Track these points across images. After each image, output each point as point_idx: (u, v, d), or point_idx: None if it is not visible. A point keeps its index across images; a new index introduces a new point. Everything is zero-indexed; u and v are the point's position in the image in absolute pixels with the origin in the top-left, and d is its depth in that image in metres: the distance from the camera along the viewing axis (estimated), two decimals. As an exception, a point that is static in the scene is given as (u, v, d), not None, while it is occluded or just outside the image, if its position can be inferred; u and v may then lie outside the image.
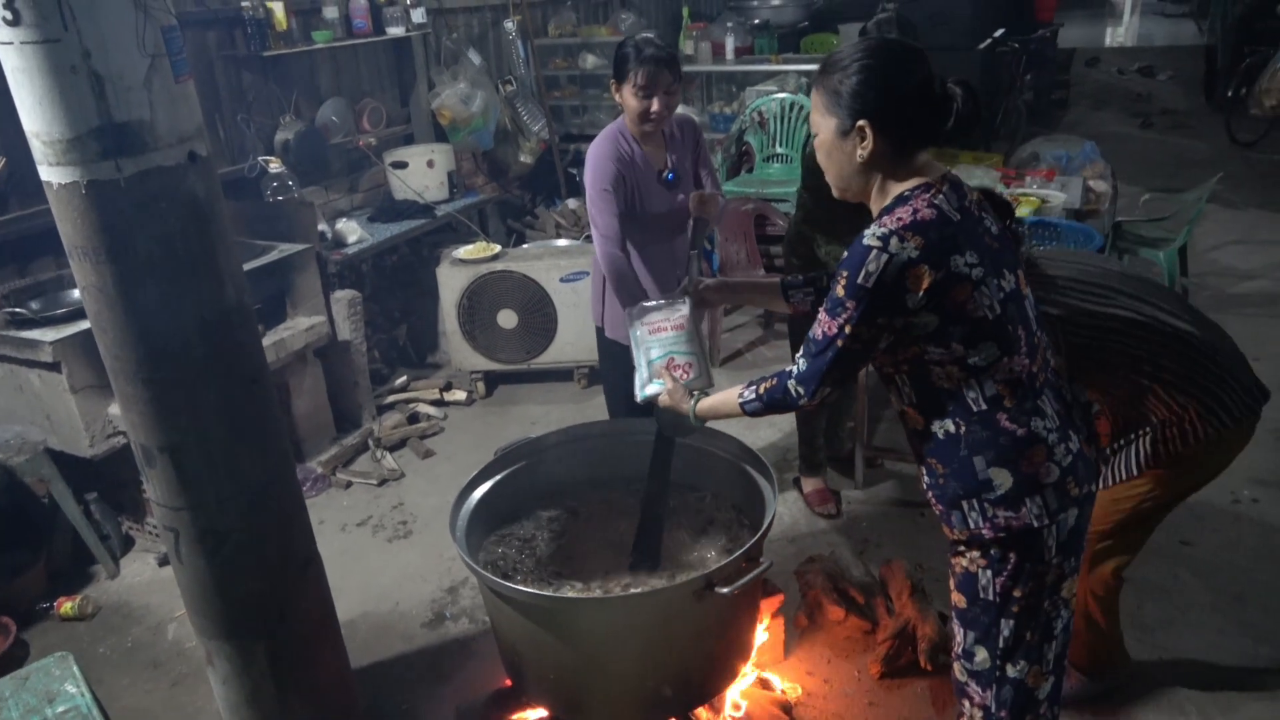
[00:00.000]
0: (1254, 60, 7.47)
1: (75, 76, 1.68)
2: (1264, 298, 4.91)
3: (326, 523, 3.54)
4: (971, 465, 1.63)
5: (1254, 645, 2.62)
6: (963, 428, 1.63)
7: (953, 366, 1.59)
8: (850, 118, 1.57)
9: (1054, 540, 1.65)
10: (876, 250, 1.51)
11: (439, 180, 4.86)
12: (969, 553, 1.70)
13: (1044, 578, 1.68)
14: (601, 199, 2.67)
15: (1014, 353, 1.60)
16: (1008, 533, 1.63)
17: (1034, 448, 1.61)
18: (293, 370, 3.77)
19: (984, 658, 1.74)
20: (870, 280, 1.52)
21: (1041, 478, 1.62)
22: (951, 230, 1.54)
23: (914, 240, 1.51)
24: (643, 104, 2.62)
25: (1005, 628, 1.70)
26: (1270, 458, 3.46)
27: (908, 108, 1.56)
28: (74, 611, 3.08)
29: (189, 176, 1.86)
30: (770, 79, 5.86)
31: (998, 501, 1.62)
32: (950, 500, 1.67)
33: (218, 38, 4.06)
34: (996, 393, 1.60)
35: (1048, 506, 1.62)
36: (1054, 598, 1.71)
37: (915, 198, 1.56)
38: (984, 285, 1.55)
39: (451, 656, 2.82)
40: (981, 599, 1.70)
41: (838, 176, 1.67)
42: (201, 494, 2.06)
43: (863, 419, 3.48)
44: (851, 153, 1.60)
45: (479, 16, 5.66)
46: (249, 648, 2.25)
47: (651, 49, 2.59)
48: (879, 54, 1.56)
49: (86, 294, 1.90)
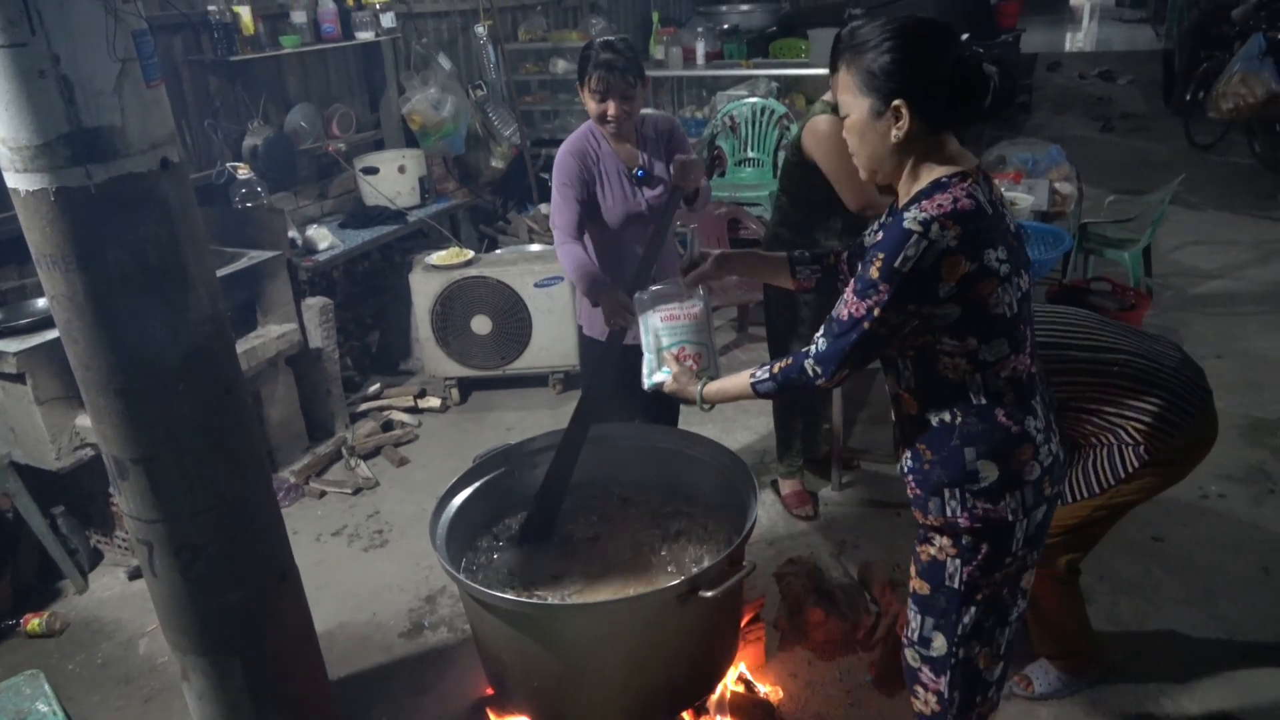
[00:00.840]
0: (1210, 65, 7.63)
1: (44, 81, 1.64)
2: (1226, 297, 5.01)
3: (301, 533, 3.49)
4: (962, 456, 1.64)
5: (1226, 637, 2.66)
6: (959, 419, 1.64)
7: (962, 359, 1.60)
8: (886, 98, 1.53)
9: (1023, 534, 1.69)
10: (917, 235, 1.49)
11: (410, 186, 4.82)
12: (939, 539, 1.72)
13: (1009, 569, 1.72)
14: (559, 194, 2.72)
15: (1021, 351, 1.62)
16: (983, 524, 1.66)
17: (1024, 445, 1.64)
18: (264, 379, 3.72)
19: (940, 644, 1.78)
20: (907, 265, 1.50)
21: (1025, 475, 1.65)
22: (987, 223, 1.53)
23: (954, 229, 1.49)
24: (599, 107, 2.63)
25: (966, 615, 1.74)
26: (1237, 454, 3.53)
27: (944, 87, 1.52)
28: (41, 628, 3.01)
29: (161, 183, 1.83)
30: (741, 84, 5.89)
31: (980, 493, 1.65)
32: (933, 487, 1.69)
33: (184, 42, 4.01)
34: (999, 389, 1.62)
35: (1024, 502, 1.66)
36: (1014, 587, 1.77)
37: (954, 186, 1.54)
38: (1008, 282, 1.55)
39: (431, 666, 2.79)
40: (946, 586, 1.73)
41: (869, 159, 1.63)
42: (176, 506, 2.02)
43: (839, 421, 3.50)
44: (885, 134, 1.56)
45: (449, 21, 5.63)
46: (225, 662, 2.21)
47: (608, 53, 2.58)
48: (914, 32, 1.52)
49: (55, 303, 1.86)
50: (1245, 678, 2.52)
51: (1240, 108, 6.69)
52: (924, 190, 1.56)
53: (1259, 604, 2.78)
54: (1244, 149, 7.39)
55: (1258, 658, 2.59)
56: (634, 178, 2.76)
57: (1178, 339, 4.52)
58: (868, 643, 2.67)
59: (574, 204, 2.70)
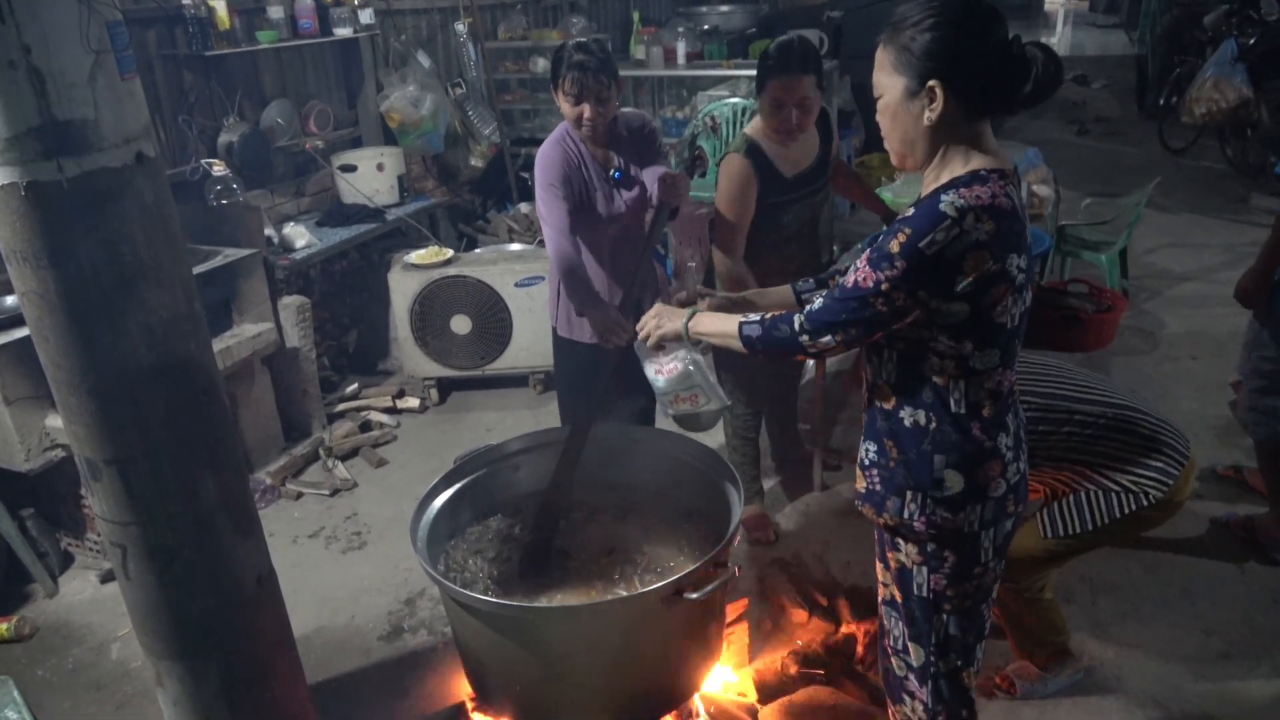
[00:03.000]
0: (1183, 70, 7.72)
1: (14, 72, 1.59)
2: (1199, 299, 5.07)
3: (277, 535, 3.44)
4: (930, 461, 1.61)
5: (1204, 637, 2.68)
6: (933, 424, 1.61)
7: (951, 362, 1.56)
8: (921, 76, 1.46)
9: (990, 544, 1.67)
10: (951, 221, 1.42)
11: (389, 184, 4.77)
12: (905, 546, 1.70)
13: (981, 580, 1.70)
14: (549, 194, 2.66)
15: (1009, 366, 1.60)
16: (938, 531, 1.64)
17: (993, 461, 1.62)
18: (240, 379, 3.66)
19: (919, 652, 1.76)
20: (933, 248, 1.43)
21: (990, 490, 1.63)
22: (1019, 229, 1.48)
23: (989, 224, 1.43)
24: (574, 110, 2.61)
25: (939, 624, 1.72)
26: (1214, 454, 3.57)
27: (983, 68, 1.45)
28: (9, 633, 2.94)
29: (136, 178, 1.78)
30: (722, 84, 5.88)
31: (941, 501, 1.62)
32: (895, 486, 1.66)
33: (157, 36, 3.94)
34: (979, 399, 1.59)
35: (983, 516, 1.64)
36: (985, 598, 1.74)
37: (993, 181, 1.46)
38: (1019, 293, 1.52)
39: (411, 670, 2.76)
40: (917, 595, 1.72)
41: (901, 141, 1.55)
42: (150, 509, 1.97)
43: (820, 421, 3.50)
44: (919, 115, 1.49)
45: (428, 18, 5.58)
46: (201, 668, 2.17)
47: (581, 55, 2.56)
48: (955, 9, 1.45)
49: (26, 300, 1.81)
50: (1224, 676, 2.54)
51: (1213, 112, 6.77)
52: (962, 179, 1.48)
53: (1235, 602, 2.81)
54: (1216, 153, 7.49)
55: (1236, 656, 2.61)
56: (612, 179, 2.74)
57: (1153, 340, 4.57)
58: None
59: (564, 202, 2.66)
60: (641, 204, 2.82)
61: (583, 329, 2.83)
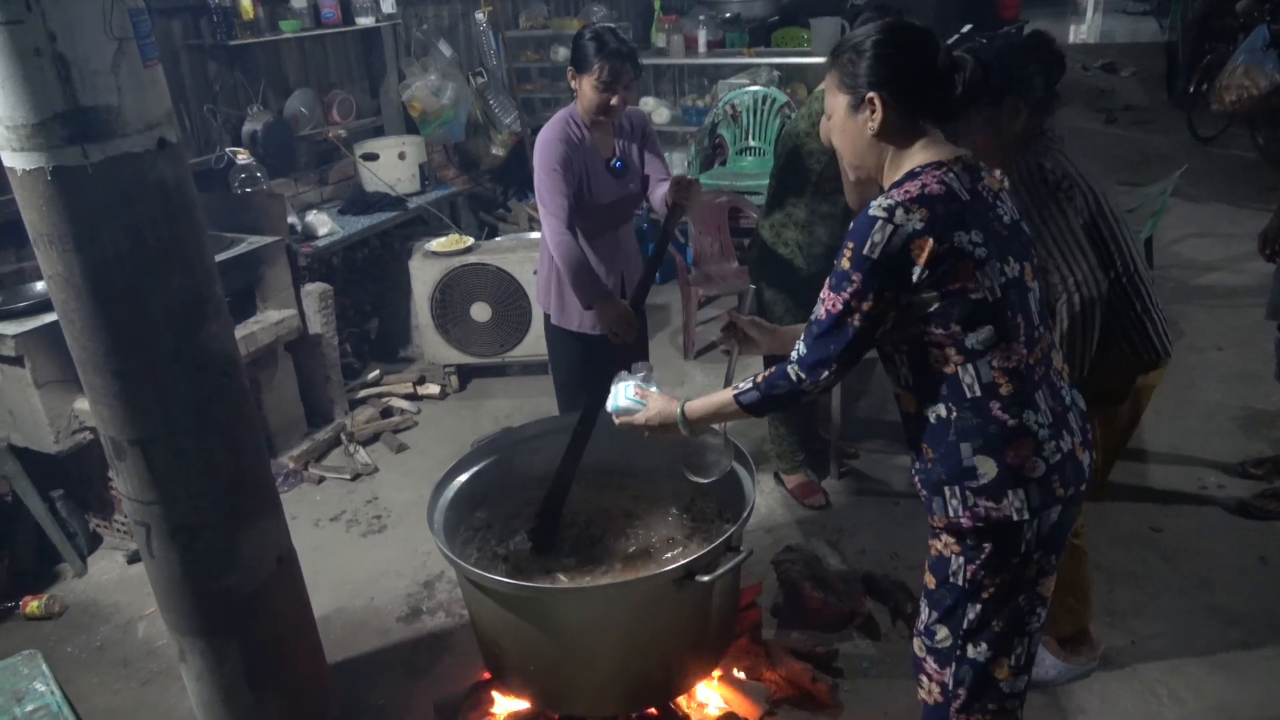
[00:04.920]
0: (1214, 57, 7.60)
1: (40, 59, 1.64)
2: (1225, 289, 5.00)
3: (299, 518, 3.49)
4: (958, 451, 1.61)
5: (1222, 627, 2.67)
6: (954, 413, 1.62)
7: (950, 349, 1.58)
8: (861, 91, 1.59)
9: (1033, 534, 1.64)
10: (882, 221, 1.51)
11: (410, 173, 4.81)
12: (944, 537, 1.70)
13: (1021, 571, 1.67)
14: (550, 178, 2.67)
15: (1011, 340, 1.59)
16: (985, 523, 1.62)
17: (1022, 440, 1.60)
18: (263, 365, 3.72)
19: (944, 635, 1.73)
20: (876, 251, 1.51)
21: (1027, 471, 1.60)
22: (958, 207, 1.54)
23: (919, 212, 1.51)
24: (603, 97, 2.63)
25: (971, 611, 1.69)
26: (1235, 444, 3.53)
27: (914, 78, 1.58)
28: (40, 611, 3.02)
29: (158, 163, 1.82)
30: (742, 72, 5.87)
31: (980, 490, 1.61)
32: (934, 485, 1.66)
33: (183, 26, 3.99)
34: (992, 380, 1.59)
35: (1029, 501, 1.60)
36: (1030, 593, 1.70)
37: (925, 173, 1.56)
38: (987, 266, 1.55)
39: (428, 651, 2.80)
40: (950, 582, 1.70)
41: (851, 153, 1.67)
42: (173, 488, 2.02)
43: (837, 411, 3.50)
44: (863, 126, 1.61)
45: (449, 8, 5.61)
46: (223, 644, 2.22)
47: (614, 42, 2.59)
48: (888, 32, 1.59)
49: (53, 284, 1.86)
50: (1241, 666, 2.53)
51: (1243, 100, 6.64)
52: (897, 181, 1.60)
53: (1255, 593, 2.78)
54: (1247, 142, 7.37)
55: (1254, 647, 2.59)
56: (613, 169, 2.76)
57: (1178, 330, 4.52)
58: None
59: (565, 188, 2.67)
60: (637, 197, 2.85)
61: (573, 318, 2.87)
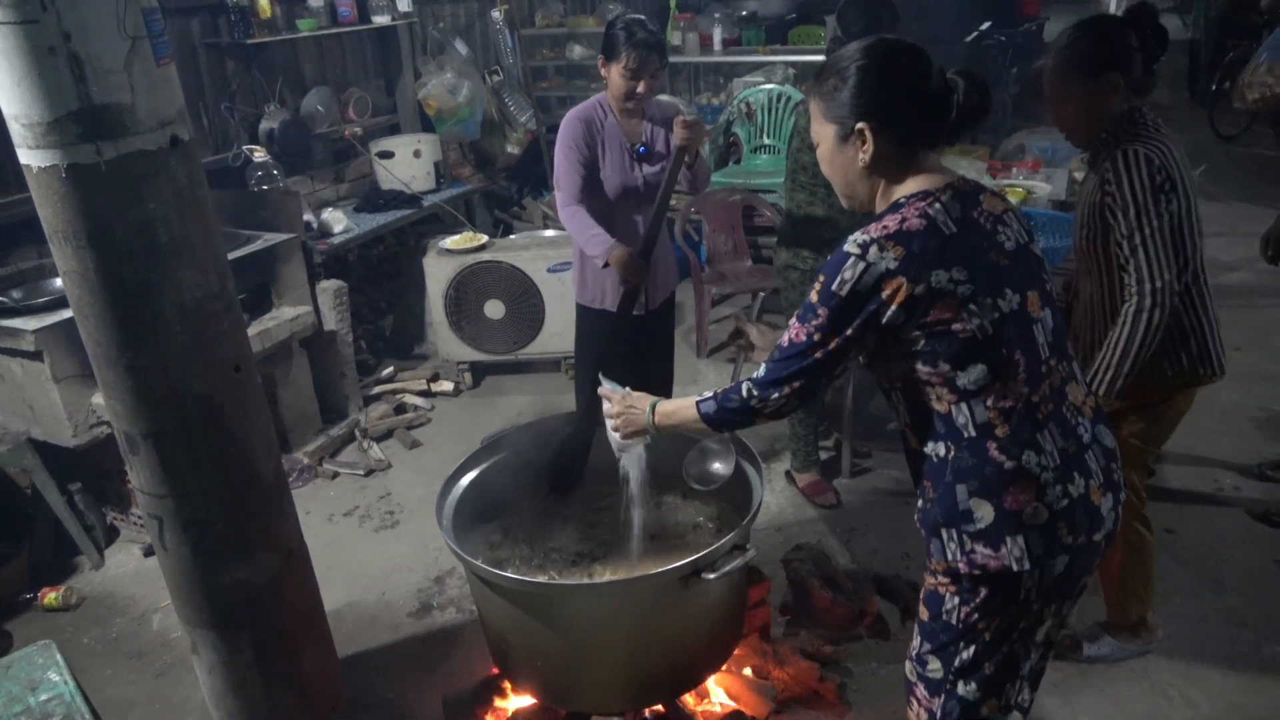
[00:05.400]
0: (1236, 54, 7.52)
1: (54, 58, 1.66)
2: (1245, 289, 4.95)
3: (313, 513, 3.52)
4: (954, 493, 1.53)
5: (1235, 630, 2.64)
6: (951, 452, 1.53)
7: (943, 388, 1.51)
8: (849, 122, 1.52)
9: (1034, 584, 1.52)
10: (854, 258, 1.45)
11: (425, 170, 4.83)
12: (940, 576, 1.61)
13: (1018, 619, 1.57)
14: (564, 154, 2.80)
15: (1009, 378, 1.49)
16: (983, 571, 1.52)
17: (1021, 483, 1.49)
18: (278, 361, 3.75)
19: (936, 667, 1.65)
20: (844, 288, 1.46)
21: (1026, 518, 1.49)
22: (939, 243, 1.45)
23: (894, 250, 1.44)
24: (629, 84, 2.71)
25: (964, 651, 1.60)
26: (1252, 447, 3.50)
27: (906, 106, 1.49)
28: (58, 602, 3.06)
29: (171, 161, 1.84)
30: (758, 70, 5.86)
31: (977, 535, 1.51)
32: (931, 526, 1.57)
33: (201, 25, 4.03)
34: (988, 419, 1.50)
35: (1030, 549, 1.49)
36: (1026, 641, 1.61)
37: (909, 205, 1.49)
38: (972, 303, 1.45)
39: (438, 646, 2.82)
40: (943, 620, 1.61)
41: (843, 184, 1.61)
42: (185, 481, 2.05)
43: (850, 409, 3.49)
44: (854, 158, 1.54)
45: (465, 7, 5.64)
46: (234, 636, 2.25)
47: (643, 32, 2.67)
48: (872, 54, 1.50)
49: (67, 279, 1.89)
50: (1253, 669, 2.50)
51: (1266, 98, 6.54)
52: (881, 213, 1.52)
53: (1268, 596, 2.76)
54: (1270, 140, 7.29)
55: (1266, 650, 2.57)
56: (635, 153, 2.82)
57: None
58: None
59: (578, 167, 2.79)
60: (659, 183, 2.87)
61: (611, 297, 2.92)
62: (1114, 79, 2.09)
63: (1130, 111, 2.12)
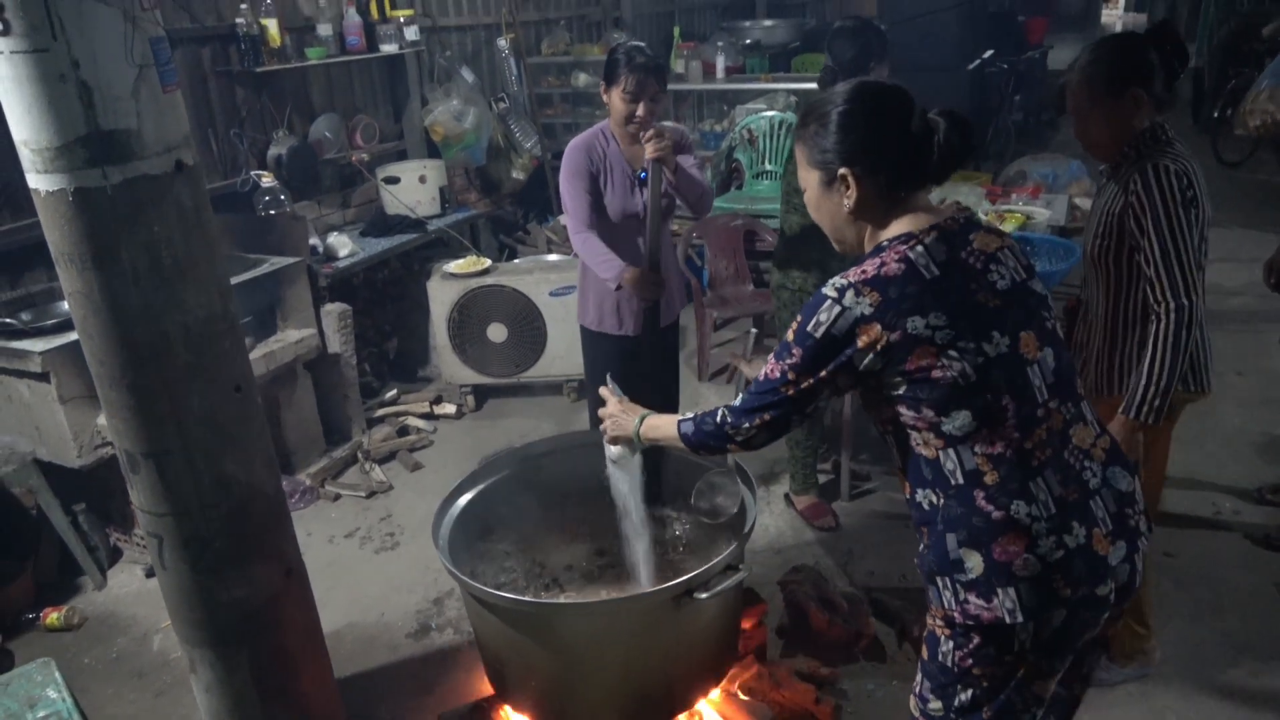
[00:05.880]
0: (1239, 82, 7.56)
1: (64, 85, 1.70)
2: (1248, 314, 4.96)
3: (314, 535, 3.54)
4: (945, 541, 1.50)
5: (1234, 654, 2.63)
6: (941, 500, 1.51)
7: (929, 433, 1.48)
8: (832, 168, 1.52)
9: (1029, 637, 1.48)
10: (831, 301, 1.46)
11: (431, 195, 4.89)
12: (938, 620, 1.58)
13: (1012, 668, 1.52)
14: (570, 184, 2.86)
15: (996, 424, 1.45)
16: (975, 622, 1.49)
17: (1011, 534, 1.45)
18: (282, 382, 3.79)
19: (937, 707, 1.61)
20: (819, 330, 1.46)
21: (1017, 570, 1.44)
22: (917, 288, 1.44)
23: (870, 296, 1.44)
24: (629, 108, 2.76)
25: (962, 694, 1.57)
26: (1251, 471, 3.50)
27: (887, 150, 1.50)
28: (60, 622, 3.08)
29: (175, 185, 1.88)
30: (760, 97, 5.92)
31: (969, 585, 1.48)
32: (927, 574, 1.56)
33: (212, 54, 4.11)
34: (976, 466, 1.47)
35: (1022, 602, 1.44)
36: (1024, 692, 1.55)
37: (890, 249, 1.48)
38: (952, 349, 1.43)
39: (436, 666, 2.82)
40: (939, 662, 1.58)
41: (831, 229, 1.62)
42: (185, 500, 2.07)
43: (848, 432, 3.50)
44: (839, 204, 1.54)
45: (472, 35, 5.73)
46: (232, 655, 2.25)
47: (641, 57, 2.73)
48: (853, 99, 1.51)
49: (72, 300, 1.92)
50: (1252, 694, 2.49)
51: (1267, 124, 6.55)
52: (864, 256, 1.53)
53: (1268, 620, 2.75)
54: (1273, 167, 7.32)
55: (1264, 674, 2.56)
56: (637, 179, 2.86)
57: (1197, 355, 4.48)
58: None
59: (584, 194, 2.84)
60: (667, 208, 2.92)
61: (610, 319, 2.97)
62: (1138, 94, 2.12)
63: (1153, 127, 2.15)
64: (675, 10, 7.83)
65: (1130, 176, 2.11)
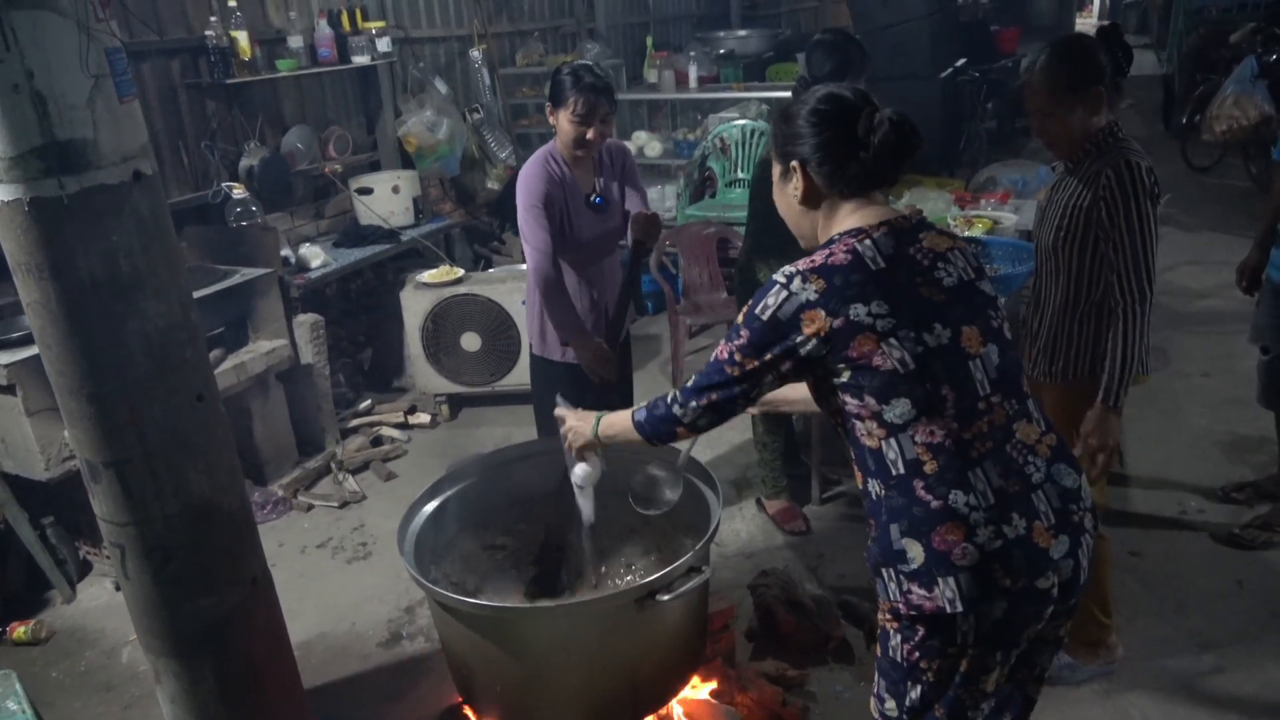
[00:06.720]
0: (1206, 88, 7.68)
1: (18, 96, 1.71)
2: (1215, 315, 5.03)
3: (286, 545, 3.53)
4: (889, 532, 1.53)
5: (1198, 652, 2.66)
6: (884, 490, 1.55)
7: (872, 421, 1.52)
8: (785, 160, 1.64)
9: (970, 628, 1.49)
10: (779, 286, 1.53)
11: (404, 206, 4.90)
12: (886, 614, 1.61)
13: (956, 660, 1.53)
14: (532, 214, 2.72)
15: (935, 414, 1.49)
16: (918, 612, 1.51)
17: (949, 524, 1.48)
18: (254, 394, 3.78)
19: (893, 707, 1.63)
20: (766, 313, 1.53)
21: (956, 559, 1.47)
22: (861, 278, 1.50)
23: (815, 283, 1.50)
24: (579, 130, 2.68)
25: (913, 690, 1.58)
26: (1216, 470, 3.54)
27: (830, 145, 1.58)
28: (27, 636, 3.06)
29: (134, 194, 1.89)
30: (733, 106, 5.97)
31: (911, 575, 1.51)
32: (874, 566, 1.59)
33: (181, 65, 4.10)
34: (916, 456, 1.50)
35: (963, 592, 1.46)
36: (971, 687, 1.56)
37: (840, 241, 1.56)
38: (893, 337, 1.48)
39: (406, 675, 2.82)
40: (890, 657, 1.60)
41: (789, 218, 1.71)
42: (146, 509, 2.06)
43: (818, 436, 3.52)
44: (791, 194, 1.65)
45: (445, 46, 5.74)
46: (197, 666, 2.24)
47: (590, 77, 2.65)
48: (810, 100, 1.62)
49: (30, 310, 1.92)
50: (1215, 691, 2.52)
51: (1233, 130, 6.72)
52: (816, 247, 1.61)
53: (1230, 618, 2.78)
54: (1241, 171, 7.42)
55: (1228, 671, 2.59)
56: (591, 203, 2.82)
57: (1165, 357, 4.54)
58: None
59: (546, 224, 2.73)
60: (619, 230, 2.90)
61: (555, 348, 2.93)
62: (1099, 91, 2.20)
63: (1109, 125, 2.24)
64: (650, 21, 7.88)
65: (1098, 171, 2.19)
